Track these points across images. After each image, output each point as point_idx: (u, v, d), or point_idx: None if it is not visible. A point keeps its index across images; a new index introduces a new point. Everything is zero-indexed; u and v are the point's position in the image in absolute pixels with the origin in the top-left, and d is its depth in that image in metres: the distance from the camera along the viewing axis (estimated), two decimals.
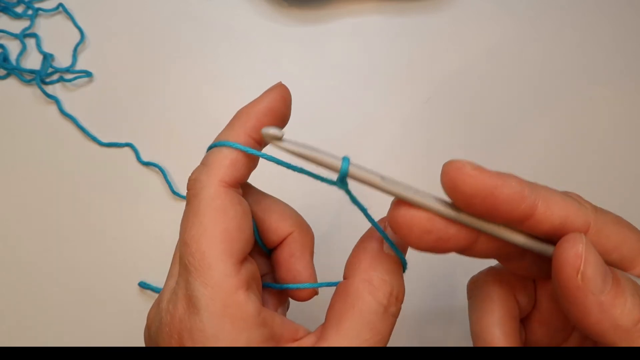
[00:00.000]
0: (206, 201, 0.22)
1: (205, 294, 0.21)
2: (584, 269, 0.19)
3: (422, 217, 0.21)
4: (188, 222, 0.22)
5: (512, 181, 0.20)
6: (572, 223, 0.21)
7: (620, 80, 0.47)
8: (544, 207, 0.20)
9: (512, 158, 0.44)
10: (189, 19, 0.50)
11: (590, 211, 0.21)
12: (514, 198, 0.20)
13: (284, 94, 0.25)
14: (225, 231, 0.22)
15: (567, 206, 0.21)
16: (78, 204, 0.42)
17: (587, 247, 0.20)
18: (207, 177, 0.23)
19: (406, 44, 0.49)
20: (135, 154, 0.44)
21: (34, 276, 0.40)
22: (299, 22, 0.50)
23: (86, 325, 0.39)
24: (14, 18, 0.50)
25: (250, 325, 0.21)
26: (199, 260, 0.21)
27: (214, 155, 0.23)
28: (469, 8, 0.51)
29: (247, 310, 0.21)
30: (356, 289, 0.23)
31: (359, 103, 0.46)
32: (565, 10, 0.50)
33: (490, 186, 0.20)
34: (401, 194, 0.21)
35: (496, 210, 0.20)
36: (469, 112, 0.46)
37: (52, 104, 0.46)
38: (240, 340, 0.21)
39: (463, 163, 0.20)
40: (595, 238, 0.21)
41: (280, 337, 0.23)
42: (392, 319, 0.23)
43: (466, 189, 0.20)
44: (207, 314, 0.21)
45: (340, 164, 0.21)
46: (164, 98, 0.46)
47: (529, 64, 0.48)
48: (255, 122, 0.24)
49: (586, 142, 0.45)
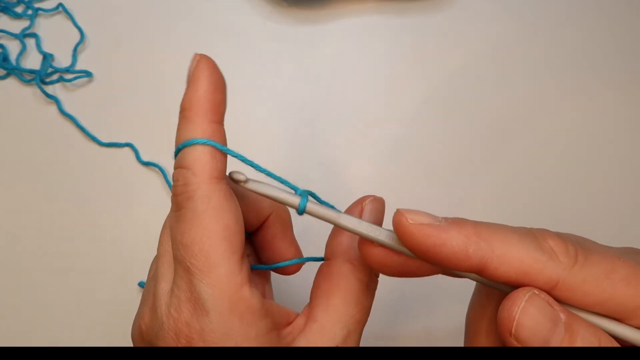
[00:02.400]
0: (202, 201, 0.22)
1: (212, 295, 0.21)
2: (516, 332, 0.19)
3: (380, 253, 0.22)
4: (186, 224, 0.22)
5: (454, 239, 0.20)
6: (532, 280, 0.20)
7: (621, 80, 0.47)
8: (496, 264, 0.20)
9: (512, 158, 0.44)
10: (189, 19, 0.50)
11: (563, 266, 0.20)
12: (456, 257, 0.20)
13: (212, 63, 0.25)
14: (226, 228, 0.22)
15: (528, 262, 0.20)
16: (78, 204, 0.42)
17: (525, 308, 0.19)
18: (195, 177, 0.23)
19: (406, 44, 0.49)
20: (135, 154, 0.44)
21: (33, 276, 0.40)
22: (299, 22, 0.50)
23: (86, 325, 0.39)
24: (13, 18, 0.50)
25: (257, 318, 0.22)
26: (203, 262, 0.21)
27: (191, 154, 0.23)
28: (469, 8, 0.50)
29: (253, 305, 0.22)
30: (339, 269, 0.25)
31: (358, 103, 0.46)
32: (565, 10, 0.50)
33: (430, 244, 0.20)
34: (356, 231, 0.23)
35: (440, 263, 0.20)
36: (468, 112, 0.46)
37: (52, 104, 0.46)
38: (251, 334, 0.21)
39: (405, 217, 0.20)
40: (568, 294, 0.20)
41: (279, 323, 0.24)
42: (373, 292, 0.25)
43: (406, 243, 0.21)
44: (216, 314, 0.21)
45: (299, 202, 0.23)
46: (164, 98, 0.46)
47: (529, 63, 0.48)
48: (208, 105, 0.24)
49: (586, 142, 0.45)
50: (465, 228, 0.20)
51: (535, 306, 0.19)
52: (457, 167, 0.43)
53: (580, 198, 0.43)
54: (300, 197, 0.23)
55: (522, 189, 0.43)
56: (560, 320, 0.19)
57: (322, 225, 0.25)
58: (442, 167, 0.43)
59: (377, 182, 0.42)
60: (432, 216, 0.21)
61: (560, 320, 0.19)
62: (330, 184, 0.43)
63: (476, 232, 0.20)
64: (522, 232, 0.21)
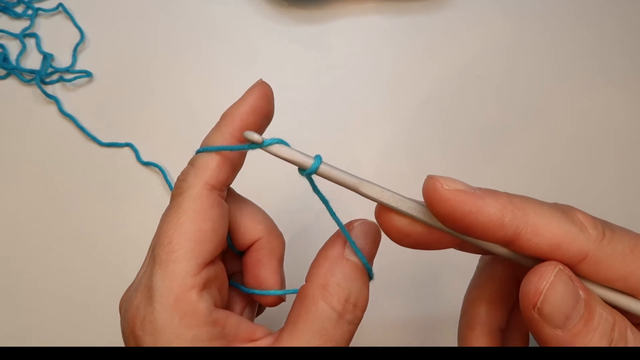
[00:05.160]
0: (188, 201, 0.23)
1: (162, 287, 0.22)
2: (541, 305, 0.19)
3: (401, 223, 0.22)
4: (168, 217, 0.23)
5: (491, 207, 0.20)
6: (564, 252, 0.20)
7: (621, 80, 0.47)
8: (529, 235, 0.20)
9: (512, 158, 0.44)
10: (189, 19, 0.50)
11: (592, 239, 0.20)
12: (491, 225, 0.20)
13: (266, 91, 0.25)
14: (199, 231, 0.23)
15: (560, 234, 0.20)
16: (78, 204, 0.42)
17: (554, 282, 0.19)
18: (194, 178, 0.24)
19: (406, 44, 0.49)
20: (135, 154, 0.44)
21: (34, 276, 0.40)
22: (299, 22, 0.50)
23: (86, 325, 0.39)
24: (14, 18, 0.50)
25: (199, 323, 0.21)
26: (166, 254, 0.22)
27: (202, 157, 0.24)
28: (469, 8, 0.51)
29: (198, 309, 0.22)
30: (312, 293, 0.22)
31: (358, 103, 0.46)
32: (565, 10, 0.50)
33: (466, 211, 0.20)
34: (379, 200, 0.22)
35: (472, 232, 0.20)
36: (468, 111, 0.46)
37: (52, 104, 0.46)
38: (187, 336, 0.21)
39: (440, 183, 0.20)
40: (594, 268, 0.20)
41: (234, 336, 0.23)
42: (348, 326, 0.22)
43: (441, 210, 0.20)
44: (159, 306, 0.21)
45: (312, 162, 0.22)
46: (164, 98, 0.47)
47: (528, 63, 0.48)
48: (240, 122, 0.24)
49: (586, 143, 0.45)
50: (501, 197, 0.20)
51: (562, 281, 0.19)
52: (457, 167, 0.43)
53: (581, 198, 0.43)
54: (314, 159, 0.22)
55: (522, 189, 0.42)
56: (580, 298, 0.20)
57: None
58: (442, 167, 0.43)
59: (377, 181, 0.42)
60: (466, 184, 0.20)
61: (581, 297, 0.20)
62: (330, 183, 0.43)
63: (511, 201, 0.20)
64: (552, 206, 0.21)
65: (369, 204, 0.22)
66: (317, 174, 0.22)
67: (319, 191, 0.23)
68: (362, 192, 0.22)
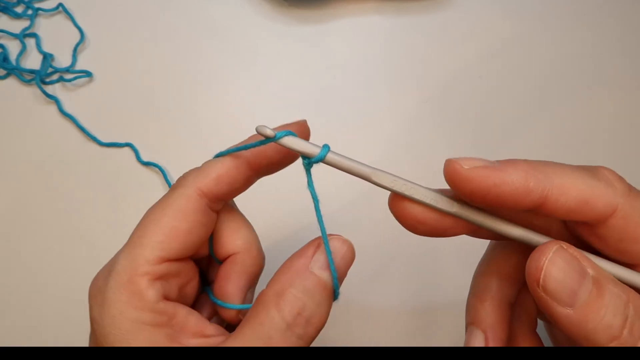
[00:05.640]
0: (175, 198, 0.24)
1: (121, 265, 0.23)
2: (544, 282, 0.19)
3: (415, 211, 0.22)
4: (154, 207, 0.24)
5: (514, 175, 0.20)
6: (592, 207, 0.20)
7: (622, 81, 0.47)
8: (557, 195, 0.20)
9: (512, 157, 0.44)
10: (188, 19, 0.50)
11: (620, 193, 0.20)
12: (518, 193, 0.20)
13: (299, 128, 0.25)
14: (173, 229, 0.23)
15: (586, 190, 0.20)
16: (78, 204, 0.42)
17: (553, 258, 0.20)
18: (191, 179, 0.24)
19: (406, 44, 0.49)
20: (135, 154, 0.44)
21: (34, 276, 0.40)
22: (299, 22, 0.50)
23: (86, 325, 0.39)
24: (14, 18, 0.50)
25: (144, 307, 0.22)
26: (138, 238, 0.23)
27: (212, 163, 0.25)
28: (469, 8, 0.51)
29: (144, 294, 0.22)
30: (267, 299, 0.22)
31: (358, 103, 0.46)
32: (565, 10, 0.50)
33: (491, 185, 0.20)
34: (393, 189, 0.22)
35: (501, 204, 0.20)
36: (469, 111, 0.46)
37: (52, 104, 0.46)
38: (130, 315, 0.22)
39: (459, 164, 0.20)
40: (623, 223, 0.20)
41: (182, 328, 0.23)
42: (296, 340, 0.21)
43: (464, 189, 0.20)
44: (113, 281, 0.22)
45: (320, 151, 0.22)
46: (164, 98, 0.46)
47: (528, 63, 0.48)
48: (256, 159, 0.24)
49: (586, 143, 0.45)
50: (521, 164, 0.20)
51: (562, 257, 0.20)
52: None
53: None
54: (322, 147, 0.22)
55: None
56: (587, 274, 0.20)
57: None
58: (442, 167, 0.43)
59: None
60: (484, 159, 0.21)
61: (588, 274, 0.20)
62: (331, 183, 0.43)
63: (531, 166, 0.20)
64: (575, 166, 0.21)
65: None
66: (326, 163, 0.22)
67: (312, 187, 0.23)
68: (374, 182, 0.22)
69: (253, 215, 0.28)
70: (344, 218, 0.41)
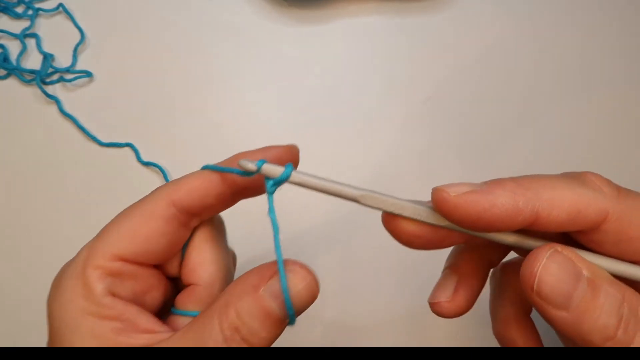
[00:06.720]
0: (145, 202, 0.24)
1: (81, 254, 0.23)
2: (538, 287, 0.19)
3: (409, 227, 0.22)
4: (130, 206, 0.25)
5: (502, 197, 0.20)
6: (584, 216, 0.20)
7: (620, 82, 0.47)
8: (548, 210, 0.20)
9: (511, 158, 0.44)
10: (188, 18, 0.50)
11: (609, 197, 0.20)
12: (508, 214, 0.20)
13: (284, 154, 0.24)
14: (132, 230, 0.24)
15: (576, 199, 0.20)
16: (78, 204, 0.42)
17: (546, 264, 0.19)
18: (166, 187, 0.24)
19: (406, 44, 0.49)
20: (135, 154, 0.44)
21: (34, 276, 0.40)
22: (299, 22, 0.50)
23: None
24: (14, 18, 0.50)
25: (90, 298, 0.22)
26: (102, 232, 0.24)
27: (188, 175, 0.25)
28: (469, 8, 0.51)
29: (91, 286, 0.23)
30: (216, 305, 0.21)
31: (358, 103, 0.46)
32: (564, 10, 0.50)
33: (480, 210, 0.20)
34: (382, 208, 0.22)
35: (492, 228, 0.20)
36: (468, 112, 0.46)
37: (52, 104, 0.46)
38: (78, 303, 0.22)
39: (446, 192, 0.20)
40: (617, 225, 0.20)
41: (132, 325, 0.23)
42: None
43: (454, 217, 0.20)
44: (70, 268, 0.23)
45: (283, 171, 0.21)
46: (164, 98, 0.47)
47: (528, 64, 0.48)
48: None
49: (586, 143, 0.45)
50: (507, 184, 0.20)
51: (556, 262, 0.20)
52: (457, 167, 0.43)
53: None
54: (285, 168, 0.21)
55: None
56: (582, 276, 0.20)
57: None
58: (442, 167, 0.43)
59: (377, 182, 0.42)
60: (470, 183, 0.20)
61: (583, 276, 0.20)
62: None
63: (518, 185, 0.20)
64: (561, 175, 0.21)
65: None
66: (306, 186, 0.21)
67: (273, 214, 0.22)
68: (363, 204, 0.22)
69: (232, 229, 0.28)
70: (343, 218, 0.41)
